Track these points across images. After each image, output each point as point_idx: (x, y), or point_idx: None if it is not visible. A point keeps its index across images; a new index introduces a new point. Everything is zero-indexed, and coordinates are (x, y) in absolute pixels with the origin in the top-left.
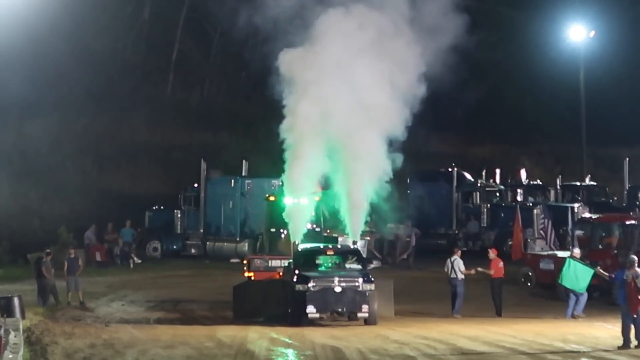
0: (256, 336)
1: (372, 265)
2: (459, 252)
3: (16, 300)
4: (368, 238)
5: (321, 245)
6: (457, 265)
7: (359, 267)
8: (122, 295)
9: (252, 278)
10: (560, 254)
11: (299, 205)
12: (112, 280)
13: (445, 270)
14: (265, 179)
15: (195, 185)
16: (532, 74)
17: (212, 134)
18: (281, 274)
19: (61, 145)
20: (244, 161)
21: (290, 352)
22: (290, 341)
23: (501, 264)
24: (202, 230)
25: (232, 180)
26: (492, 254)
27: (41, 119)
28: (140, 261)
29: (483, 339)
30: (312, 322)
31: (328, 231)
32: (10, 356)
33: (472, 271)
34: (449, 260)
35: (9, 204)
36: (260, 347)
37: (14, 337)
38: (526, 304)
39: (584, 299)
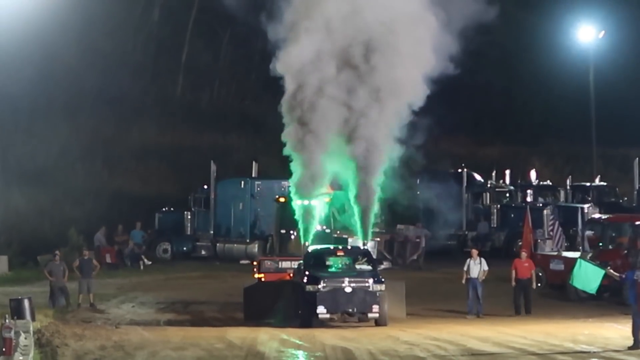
0: (266, 337)
1: (382, 266)
2: (476, 253)
3: (26, 302)
4: (378, 239)
5: (331, 246)
6: (480, 266)
7: (369, 268)
8: (132, 297)
9: (263, 279)
10: (566, 254)
11: (309, 206)
12: (122, 282)
13: (465, 270)
14: (275, 180)
15: (205, 186)
16: (541, 75)
17: (222, 136)
18: (291, 275)
19: (71, 147)
20: (253, 162)
21: (300, 353)
22: (300, 342)
23: (527, 263)
24: (212, 232)
25: (242, 182)
26: (523, 254)
27: (51, 121)
28: (150, 263)
29: (493, 340)
30: (323, 323)
31: (338, 232)
32: (21, 358)
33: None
34: (469, 260)
35: (19, 207)
36: (271, 349)
37: (24, 338)
38: (536, 304)
39: None
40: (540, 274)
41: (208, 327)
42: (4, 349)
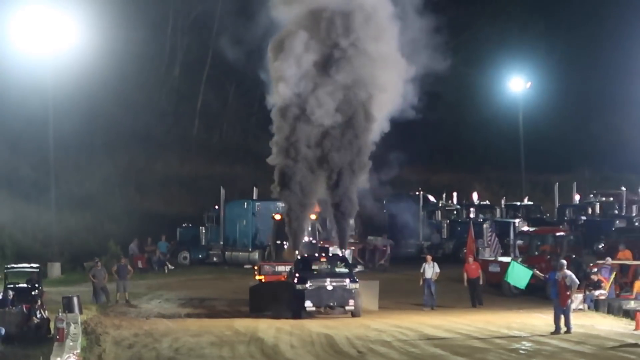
0: (265, 326)
1: (357, 269)
2: (430, 258)
3: (75, 299)
4: (353, 248)
5: (316, 254)
6: (433, 268)
7: (347, 270)
8: (159, 294)
9: (263, 280)
10: (501, 259)
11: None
12: (151, 282)
13: (421, 272)
14: (271, 201)
15: (216, 207)
16: (481, 117)
17: (229, 166)
18: (285, 277)
19: (110, 177)
20: (254, 188)
21: (292, 338)
22: (292, 330)
23: (474, 266)
24: (222, 243)
25: (245, 203)
26: (470, 259)
27: (95, 156)
28: (173, 267)
29: (444, 327)
30: (310, 315)
31: (322, 242)
32: (71, 343)
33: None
34: (424, 264)
35: (69, 224)
36: (269, 335)
37: (73, 328)
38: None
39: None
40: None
41: (219, 319)
42: (57, 337)
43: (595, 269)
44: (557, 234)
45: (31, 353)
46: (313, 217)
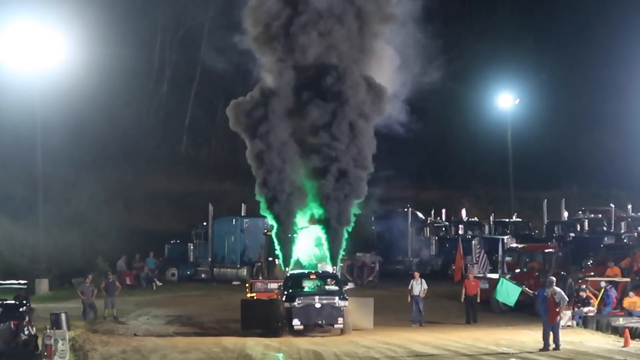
0: (253, 343)
1: (347, 287)
2: (418, 275)
3: (63, 316)
4: (342, 264)
5: (306, 271)
6: (421, 285)
7: (336, 288)
8: (147, 311)
9: (255, 297)
10: (490, 275)
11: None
12: (139, 299)
13: (409, 288)
14: (260, 218)
15: (205, 223)
16: (470, 133)
17: (217, 183)
18: (276, 294)
19: (98, 194)
20: (242, 204)
21: (280, 355)
22: (280, 347)
23: (474, 282)
24: (210, 259)
25: (234, 220)
26: (471, 275)
27: (82, 173)
28: (161, 284)
29: (433, 344)
30: (299, 333)
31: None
32: None
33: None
34: (412, 281)
35: (57, 240)
36: (257, 352)
37: (61, 344)
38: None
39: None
40: None
41: (207, 336)
42: (45, 353)
43: (584, 286)
44: (546, 250)
45: None
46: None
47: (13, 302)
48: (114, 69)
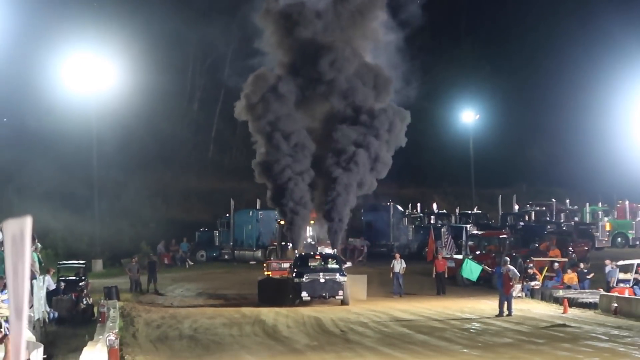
0: (267, 311)
1: (346, 265)
2: (398, 255)
3: (114, 289)
4: (337, 248)
5: (312, 252)
6: (401, 264)
7: (337, 266)
8: (181, 285)
9: (270, 275)
10: (455, 256)
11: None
12: (175, 275)
13: (391, 267)
14: (272, 210)
15: (227, 215)
16: (440, 143)
17: (238, 182)
18: (287, 272)
19: (142, 191)
20: (258, 200)
21: (288, 320)
22: (288, 314)
23: (442, 262)
24: (231, 244)
25: (251, 212)
26: (440, 256)
27: (130, 175)
28: (192, 264)
29: (410, 311)
30: (306, 303)
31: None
32: (111, 324)
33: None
34: (394, 261)
35: (109, 229)
36: (269, 318)
37: (112, 312)
38: (436, 289)
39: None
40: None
41: (229, 304)
42: (100, 319)
43: (531, 264)
44: (501, 236)
45: (79, 332)
46: (312, 222)
47: (74, 277)
48: (155, 91)
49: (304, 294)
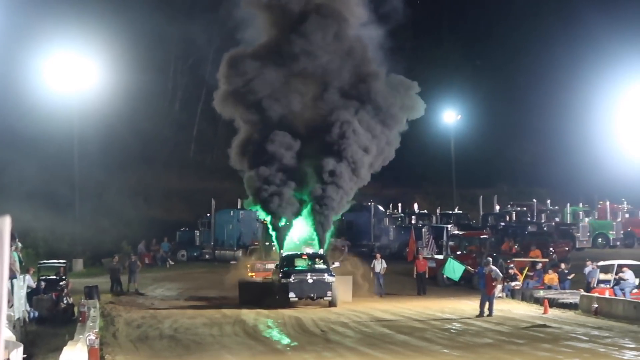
0: (247, 311)
1: (333, 265)
2: (379, 256)
3: (95, 289)
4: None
5: (298, 252)
6: (382, 264)
7: (324, 266)
8: (162, 285)
9: (254, 276)
10: (436, 256)
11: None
12: (156, 275)
13: (371, 267)
14: (252, 210)
15: (208, 214)
16: (421, 143)
17: (219, 182)
18: (272, 273)
19: (123, 191)
20: (239, 199)
21: (268, 320)
22: (269, 314)
23: (423, 262)
24: (212, 243)
25: (232, 212)
26: (421, 256)
27: (111, 174)
28: (173, 263)
29: (391, 311)
30: (293, 304)
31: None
32: (91, 324)
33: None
34: (374, 261)
35: (90, 228)
36: (250, 318)
37: (93, 312)
38: (417, 289)
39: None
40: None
41: (210, 304)
42: (80, 318)
43: (512, 265)
44: (481, 236)
45: (59, 332)
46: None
47: (54, 277)
48: (136, 91)
49: (292, 295)
